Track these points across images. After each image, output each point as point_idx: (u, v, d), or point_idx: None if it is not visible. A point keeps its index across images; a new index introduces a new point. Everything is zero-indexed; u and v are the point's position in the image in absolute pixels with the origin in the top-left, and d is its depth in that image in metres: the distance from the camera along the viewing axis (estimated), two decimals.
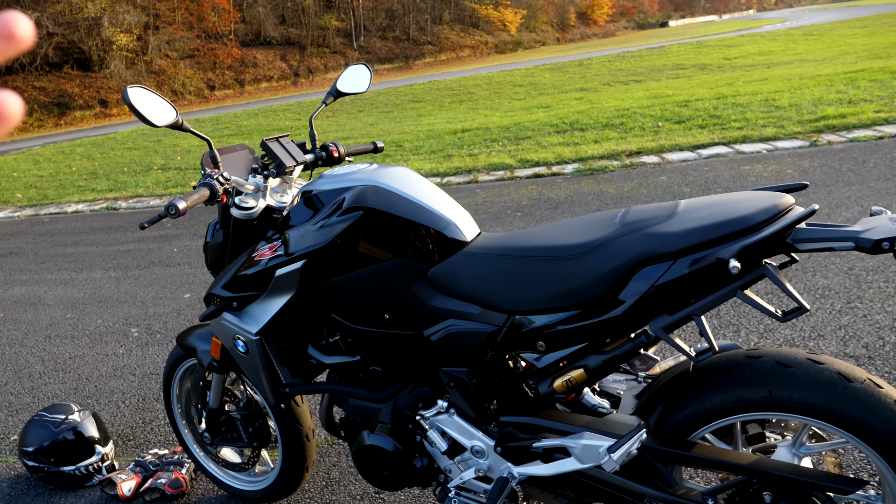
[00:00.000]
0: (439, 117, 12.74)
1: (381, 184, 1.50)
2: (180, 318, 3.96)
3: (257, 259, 1.60)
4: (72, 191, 9.41)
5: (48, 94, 28.58)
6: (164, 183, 9.01)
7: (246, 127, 15.68)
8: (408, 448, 1.63)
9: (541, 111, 11.11)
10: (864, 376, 1.21)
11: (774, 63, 14.23)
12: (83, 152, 14.38)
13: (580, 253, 1.30)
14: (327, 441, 2.50)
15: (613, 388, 1.57)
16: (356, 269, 1.48)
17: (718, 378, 1.29)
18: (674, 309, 1.25)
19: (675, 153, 6.47)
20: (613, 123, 8.49)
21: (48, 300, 4.70)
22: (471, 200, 5.86)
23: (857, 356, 2.51)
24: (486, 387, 1.48)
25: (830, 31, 21.84)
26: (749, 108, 8.04)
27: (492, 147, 8.26)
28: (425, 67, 39.97)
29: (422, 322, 1.48)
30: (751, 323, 2.90)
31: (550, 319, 1.33)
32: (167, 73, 32.59)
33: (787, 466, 1.25)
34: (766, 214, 1.19)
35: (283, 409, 1.94)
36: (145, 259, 5.40)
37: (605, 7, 64.24)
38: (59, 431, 2.38)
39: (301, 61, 38.60)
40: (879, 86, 8.23)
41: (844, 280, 3.16)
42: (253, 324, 1.64)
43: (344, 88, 1.91)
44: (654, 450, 1.33)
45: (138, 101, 1.41)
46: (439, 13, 47.93)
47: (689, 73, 14.89)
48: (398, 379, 1.63)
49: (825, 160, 5.39)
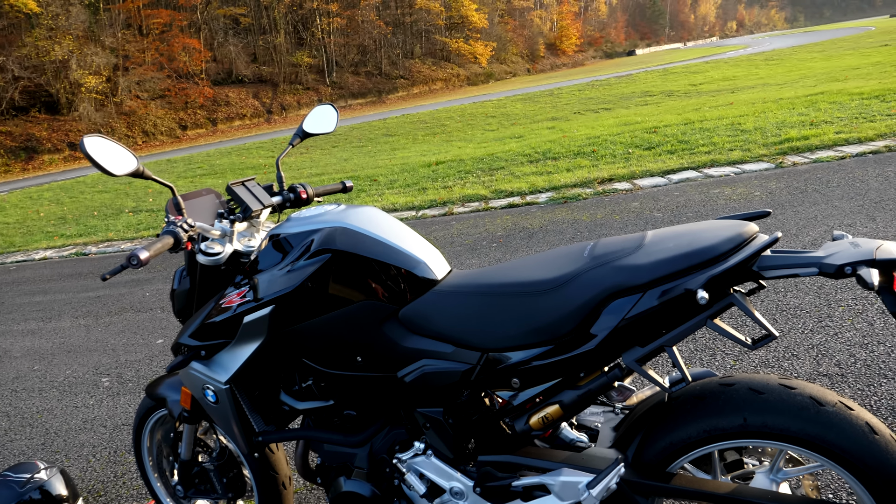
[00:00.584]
0: (413, 150, 12.83)
1: (349, 225, 1.49)
2: (153, 364, 3.88)
3: (225, 306, 1.57)
4: (40, 237, 9.25)
5: (15, 139, 28.23)
6: (135, 226, 8.91)
7: (219, 166, 15.63)
8: (386, 493, 1.60)
9: (513, 141, 11.25)
10: (835, 399, 1.21)
11: (738, 88, 14.63)
12: (51, 197, 14.19)
13: (550, 288, 1.30)
14: (305, 487, 2.45)
15: (591, 420, 1.56)
16: (326, 313, 1.47)
17: (693, 407, 1.28)
18: (645, 341, 1.25)
19: (647, 179, 6.57)
20: (585, 151, 8.61)
21: (14, 352, 4.57)
22: (446, 233, 5.87)
23: (830, 374, 2.53)
24: (462, 426, 1.46)
25: (790, 56, 22.57)
26: (716, 132, 8.22)
27: (466, 178, 8.32)
28: (398, 101, 40.37)
29: (395, 363, 1.46)
30: (726, 346, 2.92)
31: (524, 356, 1.33)
32: (138, 114, 32.45)
33: (765, 493, 1.25)
34: (731, 244, 1.20)
35: (258, 457, 1.89)
36: (116, 305, 5.30)
37: (574, 38, 65.71)
38: (25, 492, 2.29)
39: (274, 98, 38.75)
40: (839, 107, 8.48)
41: (815, 299, 3.20)
42: (222, 372, 1.61)
43: (310, 129, 1.91)
44: (633, 483, 1.32)
45: (96, 151, 1.39)
46: (411, 47, 48.61)
47: (657, 99, 15.23)
48: (373, 422, 1.60)
49: (791, 181, 5.51)
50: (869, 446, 1.16)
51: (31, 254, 8.24)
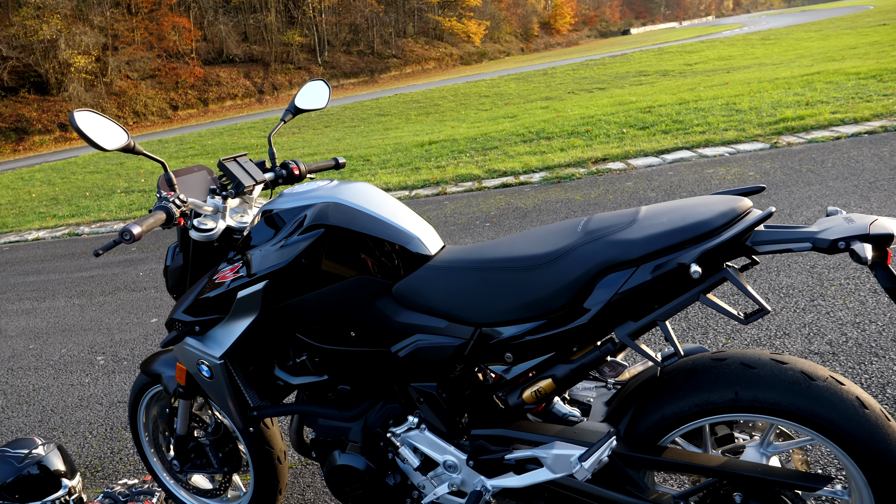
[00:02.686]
0: (406, 130, 12.76)
1: (342, 200, 1.48)
2: (147, 343, 3.88)
3: (219, 281, 1.57)
4: (32, 218, 9.19)
5: (5, 120, 27.92)
6: (127, 206, 8.85)
7: (211, 146, 15.51)
8: (380, 466, 1.61)
9: (507, 121, 11.19)
10: (826, 374, 1.23)
11: (734, 67, 14.57)
12: (43, 178, 14.08)
13: (544, 263, 1.31)
14: (300, 462, 2.46)
15: (583, 395, 1.57)
16: (320, 288, 1.47)
17: (685, 382, 1.29)
18: (638, 315, 1.26)
19: (640, 159, 6.56)
20: (579, 131, 8.58)
21: (9, 331, 4.56)
22: (440, 212, 5.86)
23: (821, 353, 2.55)
24: (455, 401, 1.47)
25: (787, 36, 22.46)
26: (711, 112, 8.20)
27: (459, 158, 8.29)
28: (391, 81, 40.05)
29: (388, 338, 1.46)
30: (718, 324, 2.94)
31: (517, 330, 1.33)
32: (128, 95, 32.10)
33: (755, 466, 1.26)
34: (724, 218, 1.20)
35: (253, 432, 1.90)
36: (110, 284, 5.29)
37: (568, 16, 65.15)
38: (23, 466, 2.29)
39: (265, 78, 38.38)
40: (835, 87, 8.47)
41: (807, 278, 3.22)
42: (216, 347, 1.61)
43: (302, 105, 1.89)
44: (624, 456, 1.33)
45: (86, 125, 1.38)
46: (403, 26, 48.11)
47: (652, 79, 15.17)
48: (367, 397, 1.61)
49: (785, 161, 5.51)
50: (859, 421, 1.17)
51: (24, 234, 8.19)
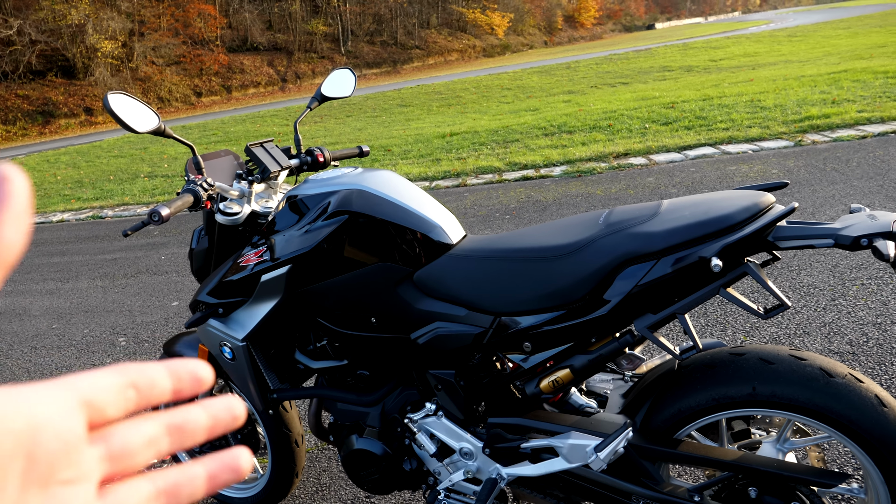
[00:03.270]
0: (428, 121, 12.76)
1: (366, 187, 1.50)
2: (168, 326, 3.94)
3: (243, 265, 1.59)
4: (57, 200, 9.34)
5: (32, 103, 28.34)
6: (150, 191, 8.97)
7: (233, 133, 15.63)
8: (397, 451, 1.63)
9: (529, 114, 11.15)
10: (845, 371, 1.22)
11: (759, 64, 14.37)
12: (68, 161, 14.28)
13: (565, 254, 1.31)
14: (317, 446, 2.50)
15: (600, 387, 1.58)
16: (342, 274, 1.49)
17: (703, 376, 1.30)
18: (658, 308, 1.26)
19: (662, 154, 6.51)
20: (601, 125, 8.53)
21: (33, 311, 4.66)
22: (459, 204, 5.87)
23: (841, 352, 2.53)
24: (473, 389, 1.48)
25: (814, 33, 22.08)
26: (735, 109, 8.11)
27: (480, 150, 8.28)
28: (413, 72, 40.02)
29: (408, 325, 1.48)
30: (737, 321, 2.92)
31: (536, 320, 1.34)
32: (153, 80, 32.42)
33: (771, 462, 1.26)
34: (746, 213, 1.20)
35: (272, 415, 1.93)
36: (132, 267, 5.37)
37: (592, 10, 64.58)
38: None
39: (289, 67, 38.53)
40: (862, 86, 8.32)
41: (829, 277, 3.19)
42: (239, 330, 1.64)
43: (328, 93, 1.91)
44: (640, 448, 1.34)
45: (119, 107, 1.41)
46: (427, 17, 48.00)
47: (676, 74, 15.00)
48: (386, 382, 1.63)
49: (809, 160, 5.44)
50: (877, 418, 1.17)
51: (49, 216, 8.33)
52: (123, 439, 0.30)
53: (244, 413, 0.36)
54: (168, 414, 0.33)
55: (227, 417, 0.35)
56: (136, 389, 0.31)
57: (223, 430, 0.35)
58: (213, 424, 0.34)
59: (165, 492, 0.31)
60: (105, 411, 0.30)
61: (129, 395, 0.31)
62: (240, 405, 0.36)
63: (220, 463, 0.34)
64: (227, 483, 0.34)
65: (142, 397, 0.32)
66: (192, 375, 0.34)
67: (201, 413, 0.34)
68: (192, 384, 0.34)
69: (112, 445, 0.30)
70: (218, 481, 0.34)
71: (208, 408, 0.35)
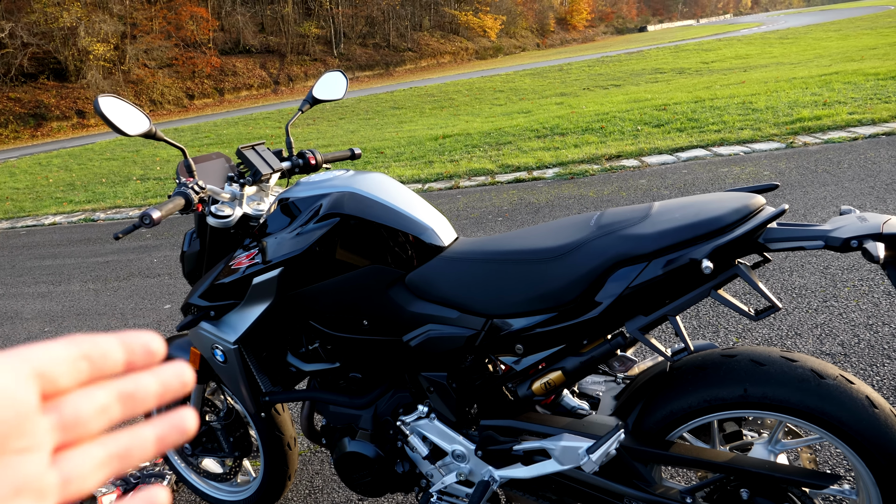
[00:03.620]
0: (420, 124, 12.76)
1: (358, 190, 1.50)
2: (160, 329, 3.92)
3: (234, 267, 1.59)
4: (49, 203, 9.29)
5: (24, 106, 28.20)
6: (143, 193, 8.93)
7: (226, 136, 15.59)
8: (389, 454, 1.63)
9: (521, 116, 11.17)
10: (836, 373, 1.23)
11: (751, 66, 14.44)
12: (60, 163, 14.21)
13: (556, 256, 1.31)
14: (310, 449, 2.49)
15: (592, 389, 1.58)
16: (334, 276, 1.48)
17: (694, 377, 1.30)
18: (649, 310, 1.26)
19: (655, 156, 6.53)
20: (593, 128, 8.55)
21: (25, 314, 4.63)
22: (452, 206, 5.87)
23: (833, 354, 2.54)
24: (465, 391, 1.48)
25: (805, 35, 22.22)
26: (726, 111, 8.14)
27: (473, 153, 8.29)
28: (406, 74, 40.03)
29: (400, 328, 1.48)
30: (729, 323, 2.93)
31: (528, 322, 1.34)
32: (145, 83, 32.31)
33: (762, 463, 1.27)
34: (737, 215, 1.20)
35: (264, 417, 1.92)
36: (125, 270, 5.34)
37: (584, 12, 64.77)
38: None
39: (281, 69, 38.48)
40: (853, 88, 8.38)
41: (820, 279, 3.20)
42: (231, 332, 1.63)
43: (320, 95, 1.91)
44: (632, 450, 1.34)
45: (110, 110, 1.40)
46: (419, 20, 48.04)
47: (668, 77, 15.07)
48: (378, 385, 1.63)
49: (801, 161, 5.47)
50: (868, 420, 1.17)
51: (41, 219, 8.28)
52: (75, 408, 0.31)
53: (193, 379, 0.37)
54: (119, 382, 0.34)
55: (176, 384, 0.36)
56: (88, 361, 0.32)
57: (173, 397, 0.36)
58: (164, 391, 0.35)
59: (117, 455, 0.32)
60: (57, 382, 0.31)
61: (81, 366, 0.32)
62: (188, 371, 0.36)
63: (167, 425, 0.35)
64: (174, 443, 0.35)
65: (94, 368, 0.32)
66: (145, 347, 0.35)
67: (151, 380, 0.35)
68: (145, 356, 0.35)
69: (64, 414, 0.31)
70: (166, 442, 0.35)
71: (158, 375, 0.35)
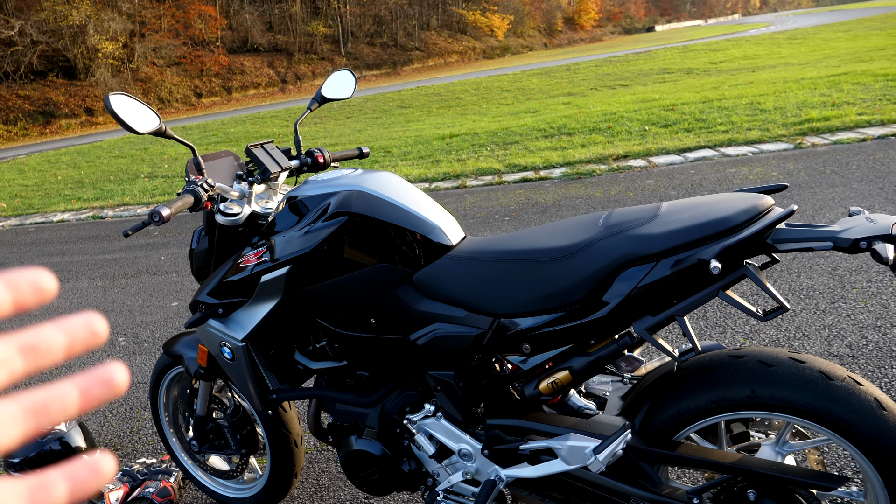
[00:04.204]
0: (427, 123, 12.77)
1: (366, 189, 1.50)
2: (168, 326, 3.94)
3: (242, 265, 1.59)
4: (57, 200, 9.34)
5: (33, 103, 28.35)
6: (150, 191, 8.97)
7: (234, 134, 15.64)
8: (395, 452, 1.63)
9: (529, 116, 11.16)
10: (844, 374, 1.22)
11: (759, 67, 14.38)
12: (69, 161, 14.28)
13: (564, 255, 1.31)
14: (316, 447, 2.50)
15: (599, 389, 1.58)
16: (342, 275, 1.49)
17: (702, 378, 1.30)
18: (657, 310, 1.26)
19: (662, 157, 6.52)
20: (601, 128, 8.54)
21: (32, 311, 4.66)
22: (459, 205, 5.87)
23: (840, 355, 2.53)
24: (472, 390, 1.48)
25: (814, 35, 22.10)
26: (734, 111, 8.11)
27: (480, 152, 8.29)
28: (413, 73, 40.04)
29: (408, 326, 1.48)
30: (736, 324, 2.92)
31: (535, 322, 1.34)
32: (154, 81, 32.43)
33: (770, 464, 1.27)
34: (746, 215, 1.20)
35: (271, 415, 1.93)
36: (132, 268, 5.37)
37: (592, 12, 64.66)
38: (45, 442, 2.35)
39: (289, 68, 38.55)
40: (862, 89, 8.33)
41: (828, 280, 3.19)
42: (239, 330, 1.64)
43: (329, 94, 1.91)
44: (639, 450, 1.34)
45: (120, 108, 1.41)
46: (427, 19, 48.04)
47: (676, 77, 15.02)
48: (385, 383, 1.63)
49: (809, 162, 5.44)
50: (877, 421, 1.17)
51: (50, 216, 8.33)
52: None
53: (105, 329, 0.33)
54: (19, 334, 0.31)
55: (85, 334, 0.32)
56: None
57: (83, 349, 0.32)
58: (71, 343, 0.32)
59: (33, 411, 0.30)
60: None
61: None
62: (100, 320, 0.33)
63: (92, 378, 0.32)
64: (101, 399, 0.32)
65: None
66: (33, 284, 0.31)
67: (56, 331, 0.31)
68: (34, 294, 0.31)
69: None
70: (91, 397, 0.32)
71: (64, 325, 0.32)
